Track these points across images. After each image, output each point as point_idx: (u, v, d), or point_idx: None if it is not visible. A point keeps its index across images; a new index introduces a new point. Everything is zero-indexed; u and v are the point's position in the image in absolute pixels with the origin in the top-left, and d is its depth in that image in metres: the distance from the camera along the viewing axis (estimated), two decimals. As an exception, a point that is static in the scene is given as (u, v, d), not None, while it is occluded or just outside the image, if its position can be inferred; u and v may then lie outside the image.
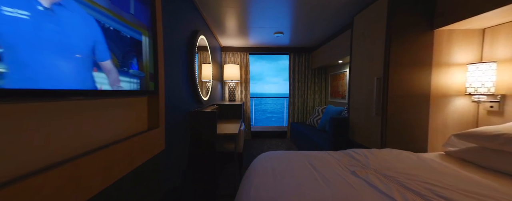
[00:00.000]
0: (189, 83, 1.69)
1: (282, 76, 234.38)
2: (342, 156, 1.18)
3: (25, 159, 0.44)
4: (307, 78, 3.67)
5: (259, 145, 3.30)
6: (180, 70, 1.47)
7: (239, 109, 2.67)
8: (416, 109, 1.37)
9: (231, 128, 1.94)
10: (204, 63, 2.42)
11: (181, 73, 1.50)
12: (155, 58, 0.91)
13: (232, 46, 3.52)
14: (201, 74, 2.36)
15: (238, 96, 3.64)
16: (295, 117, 3.73)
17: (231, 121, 2.46)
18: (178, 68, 1.43)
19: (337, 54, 2.51)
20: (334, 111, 2.63)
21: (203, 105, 2.09)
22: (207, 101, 2.23)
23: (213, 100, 2.72)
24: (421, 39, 1.34)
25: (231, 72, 3.14)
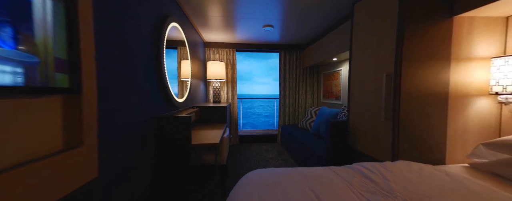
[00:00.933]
0: (157, 81, 1.33)
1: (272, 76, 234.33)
2: (351, 175, 0.90)
3: None
4: (299, 78, 3.43)
5: (247, 152, 2.98)
6: (140, 63, 1.12)
7: (223, 112, 2.33)
8: (433, 111, 1.14)
9: (212, 136, 1.60)
10: (184, 60, 2.07)
11: (142, 67, 1.14)
12: (72, 34, 0.57)
13: (216, 41, 3.18)
14: (181, 72, 2.01)
15: (224, 97, 3.30)
16: (286, 120, 3.47)
17: (214, 126, 2.12)
18: (136, 60, 1.08)
19: (333, 50, 2.27)
20: (329, 113, 2.39)
21: (178, 108, 1.73)
22: (184, 103, 1.87)
23: (193, 101, 2.36)
24: (439, 28, 1.12)
25: (215, 70, 2.80)
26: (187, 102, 2.06)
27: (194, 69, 2.38)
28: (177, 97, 1.72)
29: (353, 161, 1.59)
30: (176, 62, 2.01)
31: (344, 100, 2.56)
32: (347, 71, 2.48)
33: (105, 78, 0.81)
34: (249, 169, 2.32)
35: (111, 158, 0.86)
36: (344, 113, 2.06)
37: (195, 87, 2.48)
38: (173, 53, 1.95)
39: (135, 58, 1.06)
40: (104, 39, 0.82)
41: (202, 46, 3.03)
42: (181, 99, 1.81)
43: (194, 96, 2.39)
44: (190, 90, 2.10)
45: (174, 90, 1.93)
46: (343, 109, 2.18)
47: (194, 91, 2.40)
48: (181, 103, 1.76)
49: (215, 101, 2.91)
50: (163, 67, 1.36)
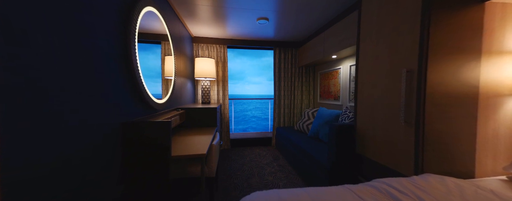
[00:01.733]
0: (127, 79, 1.06)
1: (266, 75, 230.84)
2: (377, 198, 0.69)
3: None
4: (294, 77, 3.24)
5: (239, 157, 2.73)
6: (97, 59, 0.85)
7: (213, 114, 2.07)
8: (460, 113, 0.96)
9: (199, 144, 1.34)
10: (168, 56, 1.79)
11: (101, 62, 0.87)
12: None
13: (206, 36, 2.91)
14: (165, 69, 1.73)
15: (214, 97, 3.03)
16: (281, 122, 3.26)
17: (202, 131, 1.85)
18: (87, 54, 0.80)
19: (333, 46, 2.09)
20: (328, 115, 2.20)
21: (157, 111, 1.45)
22: (166, 105, 1.60)
23: (178, 102, 2.08)
24: (468, 15, 0.94)
25: (204, 68, 2.52)
26: (170, 103, 1.78)
27: (179, 66, 2.10)
28: (161, 98, 1.44)
29: (361, 170, 1.41)
30: (160, 58, 1.74)
31: (344, 100, 2.38)
32: (347, 69, 2.32)
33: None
34: (242, 177, 2.07)
35: (40, 185, 0.59)
36: (347, 115, 1.88)
37: (181, 86, 2.20)
38: (156, 48, 1.68)
39: (86, 52, 0.79)
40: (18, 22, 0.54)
41: (190, 41, 2.75)
42: (162, 100, 1.53)
43: (179, 97, 2.11)
44: (174, 90, 1.83)
45: (157, 90, 1.66)
46: (345, 110, 2.00)
47: (179, 90, 2.12)
48: (162, 105, 1.49)
49: (205, 102, 2.64)
50: (134, 62, 1.09)
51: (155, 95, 1.60)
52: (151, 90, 1.61)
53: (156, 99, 1.40)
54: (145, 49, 1.53)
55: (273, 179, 2.06)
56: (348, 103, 2.29)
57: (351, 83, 2.25)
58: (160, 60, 1.75)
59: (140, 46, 1.37)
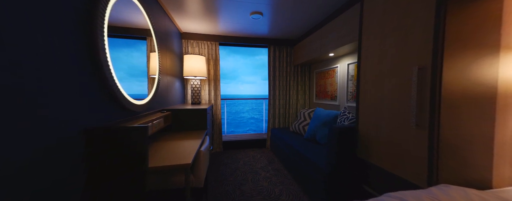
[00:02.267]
0: (90, 75, 0.88)
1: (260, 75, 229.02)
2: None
3: None
4: (290, 76, 3.12)
5: (232, 161, 2.58)
6: (50, 46, 0.67)
7: (203, 116, 1.91)
8: (477, 115, 0.86)
9: (184, 152, 1.18)
10: (153, 52, 1.62)
11: (54, 56, 0.70)
12: None
13: (196, 32, 2.73)
14: (150, 67, 1.56)
15: (205, 97, 2.86)
16: (276, 122, 3.13)
17: (190, 134, 1.69)
18: (39, 39, 0.63)
19: (330, 43, 1.98)
20: (326, 116, 2.09)
21: (137, 114, 1.28)
22: (148, 106, 1.42)
23: (164, 103, 1.90)
24: (486, 6, 0.84)
25: (194, 65, 2.35)
26: (154, 104, 1.60)
27: (165, 63, 1.92)
28: (143, 98, 1.27)
29: (365, 177, 1.29)
30: (146, 56, 1.57)
31: (342, 100, 2.28)
32: (344, 68, 2.22)
33: None
34: (234, 184, 1.92)
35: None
36: (346, 116, 1.77)
37: (167, 86, 2.02)
38: (141, 45, 1.51)
39: (28, 41, 0.61)
40: None
41: (178, 37, 2.56)
42: (143, 101, 1.35)
43: (165, 97, 1.93)
44: (158, 89, 1.65)
45: (143, 90, 1.49)
46: (344, 111, 1.90)
47: (164, 90, 1.94)
48: (142, 107, 1.31)
49: (194, 102, 2.46)
50: (102, 58, 0.91)
51: (140, 96, 1.43)
52: (136, 89, 1.44)
53: (134, 100, 1.22)
54: (128, 45, 1.31)
55: (268, 184, 1.92)
56: (346, 103, 2.19)
57: (349, 82, 2.15)
58: (145, 58, 1.58)
59: (122, 42, 1.21)
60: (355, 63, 2.04)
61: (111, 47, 1.04)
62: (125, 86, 1.24)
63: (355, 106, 2.00)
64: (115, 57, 1.08)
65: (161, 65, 1.74)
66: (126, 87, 1.24)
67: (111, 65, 0.97)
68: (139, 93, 1.46)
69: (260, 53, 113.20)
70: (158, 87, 1.62)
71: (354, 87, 2.06)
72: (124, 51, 1.28)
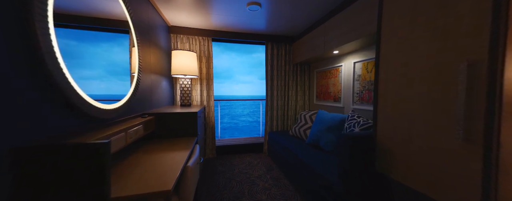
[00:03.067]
0: (28, 71, 0.63)
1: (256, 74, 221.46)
2: None
3: None
4: (288, 76, 2.91)
5: (226, 168, 2.34)
6: None
7: (193, 120, 1.66)
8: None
9: (163, 172, 0.94)
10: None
11: None
12: None
13: (186, 26, 2.47)
14: (133, 64, 1.31)
15: (196, 98, 2.60)
16: (274, 125, 2.91)
17: (177, 143, 1.44)
18: None
19: (339, 38, 1.77)
20: (331, 119, 1.89)
21: (107, 121, 1.02)
22: (122, 110, 1.16)
23: (146, 106, 1.64)
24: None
25: (183, 63, 2.09)
26: (132, 108, 1.34)
27: (147, 60, 1.65)
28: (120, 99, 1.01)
29: (386, 195, 1.08)
30: (128, 51, 1.32)
31: (347, 102, 2.09)
32: (350, 67, 2.01)
33: None
34: (229, 197, 1.69)
35: None
36: (356, 121, 1.57)
37: (151, 86, 1.75)
38: (123, 39, 1.28)
39: None
40: None
41: (165, 31, 2.29)
42: (115, 104, 1.09)
43: (148, 98, 1.67)
44: (137, 90, 1.39)
45: (127, 90, 1.24)
46: (352, 114, 1.70)
47: (147, 90, 1.67)
48: (114, 112, 1.05)
49: (184, 104, 2.21)
50: (45, 49, 0.65)
51: (121, 97, 1.18)
52: (118, 90, 1.20)
53: (103, 104, 0.96)
54: (108, 39, 1.13)
55: (267, 198, 1.70)
56: (352, 105, 2.00)
57: (355, 82, 1.96)
58: (128, 54, 1.33)
59: (100, 35, 1.03)
60: (363, 61, 1.85)
61: (84, 41, 0.89)
62: (104, 86, 1.04)
63: (364, 109, 1.81)
64: (91, 53, 0.93)
65: (142, 61, 1.48)
66: (104, 88, 1.04)
67: (60, 60, 0.71)
68: (121, 93, 1.22)
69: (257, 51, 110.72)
70: (137, 87, 1.36)
71: (361, 88, 1.87)
72: (102, 46, 1.07)
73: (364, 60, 1.82)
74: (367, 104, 1.80)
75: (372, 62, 1.73)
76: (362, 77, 1.86)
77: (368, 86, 1.79)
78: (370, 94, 1.76)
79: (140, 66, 1.41)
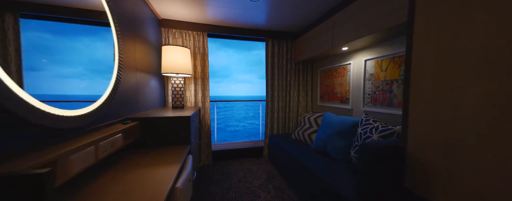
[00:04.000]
0: None
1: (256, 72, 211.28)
2: None
3: None
4: (290, 75, 2.71)
5: (224, 177, 2.12)
6: None
7: (185, 126, 1.44)
8: None
9: (147, 196, 0.72)
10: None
11: None
12: None
13: (178, 19, 2.23)
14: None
15: (190, 99, 2.37)
16: (274, 128, 2.71)
17: (166, 155, 1.21)
18: None
19: (350, 34, 1.58)
20: (340, 123, 1.70)
21: (68, 133, 0.79)
22: (96, 116, 0.93)
23: (131, 109, 1.40)
24: None
25: (175, 60, 1.86)
26: (108, 113, 1.11)
27: (131, 56, 1.42)
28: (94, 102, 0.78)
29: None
30: (113, 47, 1.10)
31: (356, 104, 1.91)
32: (360, 65, 1.77)
33: None
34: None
35: None
36: (372, 125, 1.39)
37: (136, 85, 1.52)
38: (107, 33, 1.10)
39: None
40: None
41: (155, 24, 2.05)
42: (84, 110, 0.86)
43: (133, 100, 1.43)
44: (116, 91, 1.15)
45: (103, 90, 1.02)
46: (366, 118, 1.52)
47: (132, 91, 1.44)
48: (79, 119, 0.82)
49: (177, 106, 1.98)
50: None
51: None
52: (101, 90, 1.03)
53: (57, 110, 0.73)
54: (89, 33, 0.98)
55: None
56: (363, 107, 1.82)
57: (366, 82, 1.78)
58: (113, 50, 1.12)
59: (80, 28, 0.90)
60: (376, 59, 1.67)
61: (61, 34, 0.78)
62: (85, 85, 0.92)
63: (378, 112, 1.62)
64: (69, 48, 0.82)
65: (123, 57, 1.25)
66: (85, 87, 0.92)
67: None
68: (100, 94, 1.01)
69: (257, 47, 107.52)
70: (116, 88, 1.13)
71: (374, 88, 1.69)
72: (83, 40, 0.93)
73: (378, 57, 1.64)
74: (381, 107, 1.62)
75: (387, 60, 1.55)
76: (375, 76, 1.68)
77: (382, 86, 1.61)
78: (385, 95, 1.58)
79: (120, 62, 1.18)
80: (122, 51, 1.20)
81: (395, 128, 1.20)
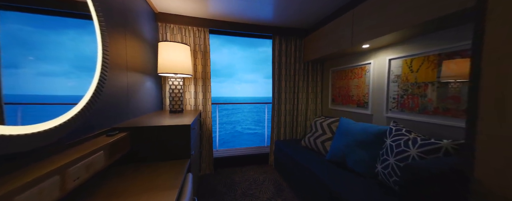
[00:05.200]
0: None
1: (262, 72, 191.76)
2: None
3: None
4: (299, 76, 2.50)
5: (227, 189, 1.91)
6: None
7: (184, 135, 1.21)
8: None
9: None
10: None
11: None
12: None
13: (177, 13, 2.01)
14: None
15: (190, 102, 2.15)
16: (281, 133, 2.50)
17: (160, 172, 1.00)
18: None
19: (372, 30, 1.36)
20: (362, 131, 1.49)
21: (22, 157, 0.57)
22: (60, 132, 0.70)
23: (120, 115, 1.18)
24: None
25: (173, 58, 1.64)
26: (88, 124, 0.89)
27: (119, 52, 1.20)
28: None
29: None
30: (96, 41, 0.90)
31: (377, 109, 1.70)
32: (382, 64, 1.50)
33: None
34: (233, 240, 1.26)
35: None
36: (408, 137, 1.17)
37: (127, 88, 1.30)
38: (90, 26, 0.92)
39: None
40: None
41: (150, 18, 1.83)
42: (44, 125, 0.64)
43: (122, 105, 1.21)
44: (99, 95, 0.93)
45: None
46: (397, 127, 1.30)
47: (120, 94, 1.22)
48: (37, 138, 0.60)
49: (175, 111, 1.76)
50: None
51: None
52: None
53: (6, 128, 0.51)
54: (76, 26, 0.85)
55: (284, 237, 1.28)
56: (386, 113, 1.60)
57: (391, 84, 1.57)
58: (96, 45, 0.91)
59: (64, 20, 0.78)
60: (404, 58, 1.45)
61: (43, 27, 0.69)
62: (72, 84, 0.80)
63: (407, 120, 1.41)
64: (53, 42, 0.72)
65: (109, 54, 1.03)
66: (72, 87, 0.80)
67: None
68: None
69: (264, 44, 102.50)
70: (99, 91, 0.91)
71: (401, 91, 1.48)
72: (68, 33, 0.81)
73: (406, 56, 1.43)
74: (411, 113, 1.41)
75: (419, 59, 1.34)
76: (403, 77, 1.47)
77: (412, 89, 1.39)
78: (416, 100, 1.37)
79: (105, 60, 0.96)
80: (107, 47, 0.98)
81: (442, 143, 0.98)
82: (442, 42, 1.20)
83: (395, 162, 1.13)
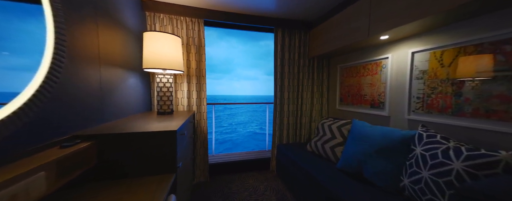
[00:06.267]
0: None
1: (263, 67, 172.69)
2: None
3: None
4: (303, 73, 2.27)
5: (223, 199, 1.68)
6: None
7: (169, 144, 0.98)
8: None
9: None
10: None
11: None
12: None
13: (167, 1, 1.77)
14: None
15: (183, 102, 1.92)
16: (283, 136, 2.28)
17: (134, 193, 0.76)
18: None
19: (395, 17, 1.14)
20: (381, 136, 1.27)
21: None
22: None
23: (91, 120, 0.94)
24: None
25: (161, 51, 1.41)
26: (35, 130, 0.65)
27: (90, 41, 0.96)
28: None
29: None
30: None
31: (396, 110, 1.48)
32: (403, 59, 1.29)
33: None
34: None
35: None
36: (447, 146, 0.95)
37: (100, 85, 1.06)
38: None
39: None
40: None
41: (135, 5, 1.60)
42: None
43: (94, 106, 0.98)
44: (47, 92, 0.69)
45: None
46: (428, 132, 1.08)
47: (89, 93, 0.98)
48: None
49: (163, 112, 1.53)
50: None
51: None
52: None
53: None
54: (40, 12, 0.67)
55: None
56: (407, 115, 1.38)
57: (414, 81, 1.35)
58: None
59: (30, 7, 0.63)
60: (432, 50, 1.23)
61: (7, 12, 0.56)
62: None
63: (437, 123, 1.18)
64: (20, 30, 0.59)
65: (64, 38, 0.80)
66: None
67: None
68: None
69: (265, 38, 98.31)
70: (48, 84, 0.68)
71: (428, 90, 1.26)
72: (41, 21, 0.67)
73: (435, 48, 1.21)
74: (441, 116, 1.19)
75: (453, 51, 1.12)
76: (430, 73, 1.24)
77: (442, 87, 1.17)
78: (448, 99, 1.15)
79: (57, 48, 0.72)
80: (64, 30, 0.75)
81: (499, 155, 0.76)
82: (482, 30, 0.98)
83: (430, 176, 0.91)
